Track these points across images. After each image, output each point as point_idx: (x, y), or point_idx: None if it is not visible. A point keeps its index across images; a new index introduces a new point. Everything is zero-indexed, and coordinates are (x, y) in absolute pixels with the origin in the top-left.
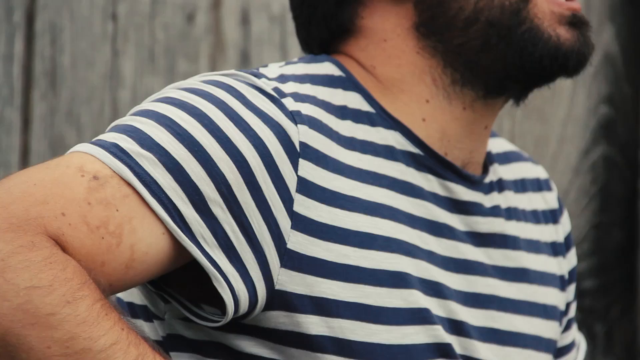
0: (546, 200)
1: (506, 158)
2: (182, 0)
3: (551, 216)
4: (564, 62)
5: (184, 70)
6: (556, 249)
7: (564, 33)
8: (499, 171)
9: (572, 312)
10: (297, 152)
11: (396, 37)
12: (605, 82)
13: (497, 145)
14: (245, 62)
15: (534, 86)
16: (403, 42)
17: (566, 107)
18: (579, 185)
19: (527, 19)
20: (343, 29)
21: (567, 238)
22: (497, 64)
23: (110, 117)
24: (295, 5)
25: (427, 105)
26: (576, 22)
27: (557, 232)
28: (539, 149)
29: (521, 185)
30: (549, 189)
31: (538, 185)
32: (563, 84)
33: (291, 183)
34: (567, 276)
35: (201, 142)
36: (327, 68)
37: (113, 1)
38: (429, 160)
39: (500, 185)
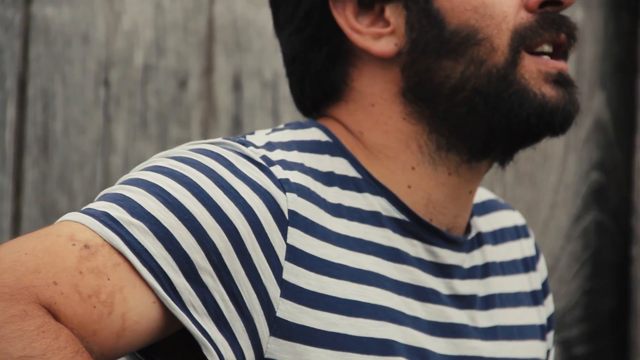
0: (524, 248)
1: (484, 208)
2: (175, 67)
3: (530, 264)
4: (550, 120)
5: (176, 136)
6: (536, 298)
7: (549, 91)
8: (478, 224)
9: (552, 358)
10: (286, 220)
11: (383, 102)
12: (596, 148)
13: (477, 195)
14: (237, 127)
15: (519, 147)
16: (390, 108)
17: (557, 173)
18: (570, 251)
19: (514, 82)
20: (335, 89)
21: (544, 284)
22: (482, 127)
23: (102, 183)
24: (289, 62)
25: (412, 173)
26: (562, 80)
27: (535, 280)
28: (531, 214)
29: (500, 236)
30: (526, 235)
31: (516, 233)
32: (554, 150)
33: (280, 251)
34: (546, 324)
35: (191, 211)
36: (313, 134)
37: (105, 67)
38: (414, 226)
39: (479, 240)
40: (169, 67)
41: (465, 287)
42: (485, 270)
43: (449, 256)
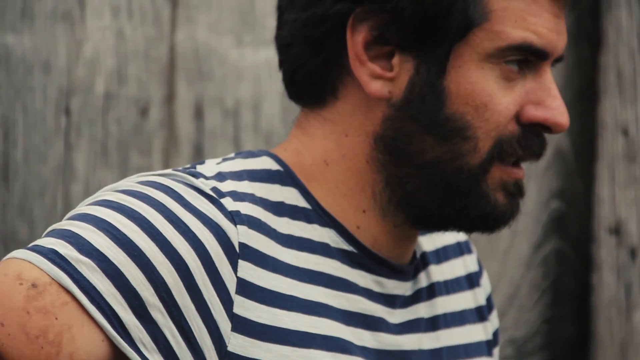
0: (467, 264)
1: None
2: (136, 95)
3: (474, 279)
4: (491, 225)
5: (137, 164)
6: (481, 314)
7: (501, 199)
8: (422, 244)
9: None
10: (236, 253)
11: (356, 136)
12: (556, 176)
13: None
14: (198, 156)
15: (452, 231)
16: (359, 145)
17: None
18: (530, 279)
19: (480, 186)
20: (322, 97)
21: (489, 299)
22: (432, 210)
23: (62, 211)
24: (283, 46)
25: (363, 215)
26: (515, 191)
27: (480, 296)
28: (491, 243)
29: (443, 254)
30: (469, 251)
31: (459, 250)
32: None
33: (231, 285)
34: (492, 339)
35: (140, 247)
36: (264, 163)
37: (66, 95)
38: (362, 257)
39: (424, 261)
40: (130, 95)
41: (410, 313)
42: (430, 292)
43: (395, 287)
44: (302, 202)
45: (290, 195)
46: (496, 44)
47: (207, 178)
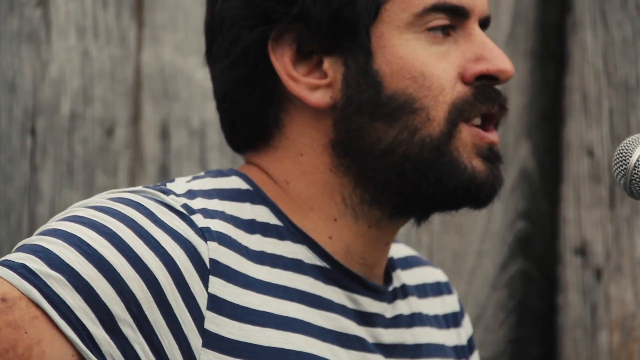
0: (447, 304)
1: (407, 263)
2: (101, 115)
3: (453, 320)
4: (476, 194)
5: (102, 185)
6: (459, 353)
7: (479, 165)
8: (401, 277)
9: None
10: (207, 269)
11: (312, 152)
12: (522, 197)
13: (398, 250)
14: (164, 176)
15: (439, 211)
16: (318, 159)
17: (484, 222)
18: (496, 299)
19: (447, 153)
20: (266, 133)
21: (470, 341)
22: (409, 190)
23: (28, 232)
24: (220, 98)
25: (334, 224)
26: (491, 156)
27: (459, 336)
28: (457, 263)
29: (422, 290)
30: (449, 292)
31: (438, 289)
32: None
33: (202, 300)
34: None
35: (111, 262)
36: (234, 182)
37: (32, 116)
38: (335, 273)
39: (404, 292)
40: (96, 115)
41: (389, 336)
42: (411, 320)
43: (370, 304)
44: (273, 220)
45: (261, 213)
46: (412, 10)
47: (177, 195)
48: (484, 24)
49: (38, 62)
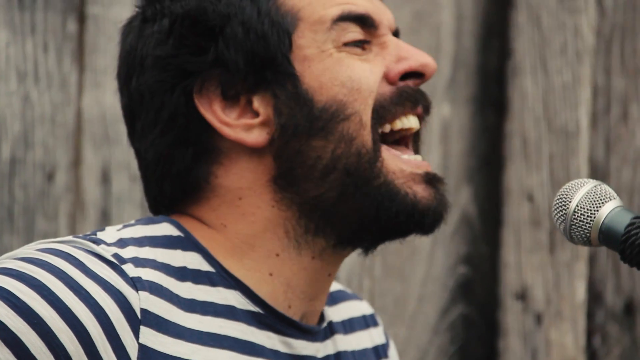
0: (373, 337)
1: (333, 299)
2: (42, 159)
3: (381, 351)
4: (421, 220)
5: (43, 230)
6: None
7: (420, 191)
8: (329, 314)
9: None
10: (138, 320)
11: (252, 194)
12: (463, 242)
13: None
14: (105, 221)
15: (386, 239)
16: (259, 198)
17: (425, 267)
18: (438, 344)
19: (381, 173)
20: (197, 187)
21: None
22: (353, 214)
23: None
24: (152, 165)
25: (276, 259)
26: (431, 179)
27: None
28: (399, 308)
29: (349, 326)
30: (375, 324)
31: (365, 323)
32: (422, 244)
33: (132, 351)
34: None
35: (40, 314)
36: (165, 229)
37: None
38: (269, 318)
39: (331, 329)
40: (37, 160)
41: None
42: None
43: (304, 347)
44: (205, 266)
45: (192, 260)
46: (322, 27)
47: (108, 244)
48: (394, 35)
49: None
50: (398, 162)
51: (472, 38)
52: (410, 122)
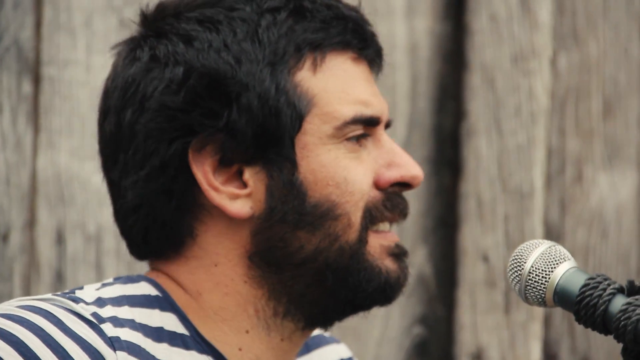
0: None
1: (307, 347)
2: None
3: None
4: (390, 294)
5: None
6: None
7: (390, 265)
8: None
9: None
10: None
11: (227, 263)
12: (419, 303)
13: None
14: (59, 282)
15: (353, 314)
16: (233, 270)
17: (381, 327)
18: None
19: (364, 260)
20: (180, 242)
21: None
22: (326, 298)
23: None
24: (132, 209)
25: (246, 336)
26: (398, 253)
27: None
28: None
29: None
30: None
31: None
32: None
33: None
34: None
35: None
36: (143, 288)
37: None
38: None
39: None
40: None
41: None
42: None
43: None
44: (180, 329)
45: (169, 321)
46: (333, 123)
47: (87, 303)
48: (387, 126)
49: None
50: (379, 239)
51: (427, 99)
52: (394, 236)
